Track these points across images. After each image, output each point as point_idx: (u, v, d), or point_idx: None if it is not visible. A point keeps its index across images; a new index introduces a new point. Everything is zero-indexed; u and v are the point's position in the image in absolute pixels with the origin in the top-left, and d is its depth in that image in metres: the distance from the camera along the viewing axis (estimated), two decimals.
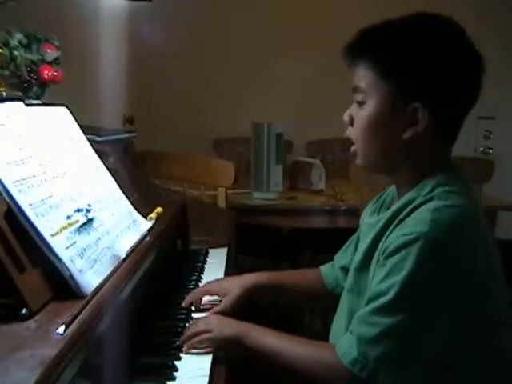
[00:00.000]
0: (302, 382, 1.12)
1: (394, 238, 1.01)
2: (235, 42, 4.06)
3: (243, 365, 1.20)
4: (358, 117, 1.13)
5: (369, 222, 1.21)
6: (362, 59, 1.11)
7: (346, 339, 1.03)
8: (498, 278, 1.06)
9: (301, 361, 1.08)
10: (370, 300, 1.01)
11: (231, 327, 1.16)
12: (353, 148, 1.16)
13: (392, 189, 1.25)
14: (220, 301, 1.35)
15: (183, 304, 1.34)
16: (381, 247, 1.08)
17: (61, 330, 0.79)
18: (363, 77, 1.11)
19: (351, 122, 1.16)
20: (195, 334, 1.15)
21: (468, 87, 1.09)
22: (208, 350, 1.13)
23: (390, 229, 1.08)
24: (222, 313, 1.29)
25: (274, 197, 2.84)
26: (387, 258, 1.01)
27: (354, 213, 2.47)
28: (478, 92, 1.10)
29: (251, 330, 1.15)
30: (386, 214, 1.12)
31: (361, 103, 1.12)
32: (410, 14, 1.11)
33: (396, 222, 1.07)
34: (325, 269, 1.47)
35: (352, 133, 1.16)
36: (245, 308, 1.36)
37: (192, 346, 1.13)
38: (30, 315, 0.84)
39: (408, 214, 1.04)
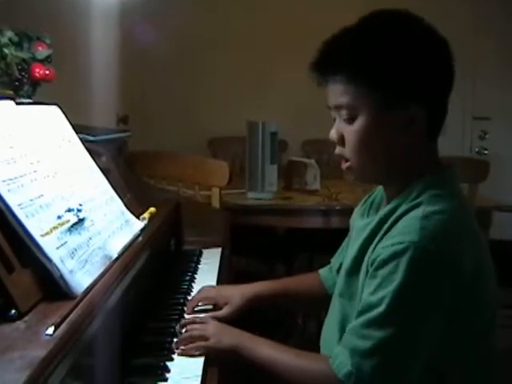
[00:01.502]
0: None
1: (383, 248, 1.00)
2: (230, 40, 4.06)
3: (236, 367, 1.19)
4: (351, 133, 1.09)
5: (358, 224, 1.20)
6: (338, 75, 1.06)
7: (339, 352, 1.02)
8: (489, 277, 1.05)
9: (294, 372, 1.08)
10: (362, 312, 1.00)
11: (228, 337, 1.15)
12: (345, 165, 1.13)
13: (380, 189, 1.24)
14: (213, 308, 1.34)
15: (186, 311, 1.32)
16: (370, 254, 1.07)
17: (50, 331, 0.78)
18: (345, 92, 1.06)
19: (341, 141, 1.11)
20: (191, 337, 1.14)
21: (445, 74, 1.08)
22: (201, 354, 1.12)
23: (379, 235, 1.07)
24: (222, 319, 1.27)
25: (268, 197, 2.83)
26: (377, 269, 1.00)
27: (349, 213, 2.46)
28: (453, 76, 1.08)
29: (246, 340, 1.14)
30: (375, 219, 1.11)
31: (350, 119, 1.08)
32: (366, 16, 1.09)
33: (384, 228, 1.06)
34: (323, 272, 1.46)
35: (345, 151, 1.11)
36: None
37: (187, 351, 1.11)
38: (20, 316, 0.82)
39: (396, 220, 1.03)
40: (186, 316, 1.30)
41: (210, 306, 1.35)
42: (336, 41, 1.09)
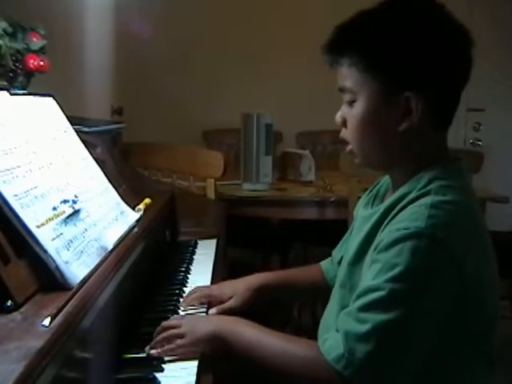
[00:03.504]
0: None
1: (387, 233, 0.98)
2: (224, 32, 4.04)
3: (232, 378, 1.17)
4: (350, 117, 1.09)
5: (363, 215, 1.18)
6: (344, 57, 1.06)
7: (330, 336, 0.99)
8: (492, 270, 1.04)
9: (277, 354, 1.03)
10: (360, 296, 0.96)
11: (203, 325, 1.12)
12: (348, 148, 1.12)
13: (385, 180, 1.23)
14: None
15: (182, 306, 1.30)
16: (375, 242, 1.03)
17: (46, 322, 0.78)
18: (348, 75, 1.06)
19: (344, 124, 1.12)
20: (165, 339, 1.09)
21: (457, 64, 1.04)
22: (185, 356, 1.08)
23: (385, 223, 1.04)
24: (230, 311, 1.26)
25: (263, 188, 2.83)
26: (380, 252, 0.97)
27: (344, 204, 2.47)
28: (469, 66, 1.05)
29: (228, 323, 1.11)
30: (381, 208, 1.09)
31: (350, 102, 1.08)
32: (383, 1, 1.06)
33: (390, 216, 1.03)
34: (325, 264, 1.45)
35: (346, 134, 1.12)
36: None
37: (163, 353, 1.07)
38: (16, 307, 0.83)
39: (403, 208, 1.00)
40: (181, 313, 1.29)
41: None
42: (348, 23, 1.08)
